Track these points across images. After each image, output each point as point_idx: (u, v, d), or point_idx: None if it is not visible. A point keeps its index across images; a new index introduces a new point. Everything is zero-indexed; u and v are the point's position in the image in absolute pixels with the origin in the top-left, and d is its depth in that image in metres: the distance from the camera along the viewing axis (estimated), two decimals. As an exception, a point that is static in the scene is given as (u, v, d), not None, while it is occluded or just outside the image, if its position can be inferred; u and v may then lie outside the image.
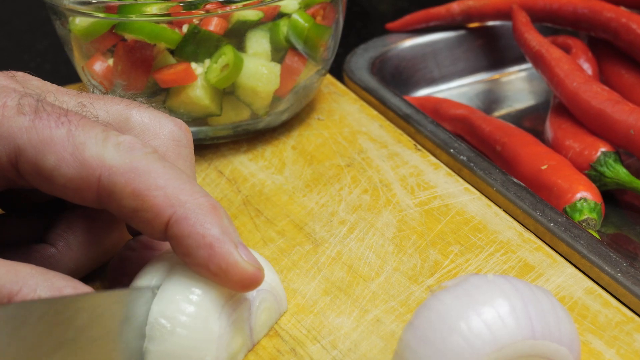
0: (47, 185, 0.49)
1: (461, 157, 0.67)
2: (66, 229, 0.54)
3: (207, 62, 0.65)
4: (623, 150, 0.70)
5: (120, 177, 0.47)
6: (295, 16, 0.66)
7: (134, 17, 0.63)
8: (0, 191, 0.51)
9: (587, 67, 0.77)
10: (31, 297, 0.47)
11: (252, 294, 0.50)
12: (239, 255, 0.47)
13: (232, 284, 0.48)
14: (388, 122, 0.72)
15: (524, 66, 0.88)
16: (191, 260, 0.48)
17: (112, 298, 0.47)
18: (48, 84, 0.53)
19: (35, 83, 0.53)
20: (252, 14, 0.65)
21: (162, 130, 0.53)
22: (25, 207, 0.57)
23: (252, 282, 0.48)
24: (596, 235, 0.62)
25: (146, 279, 0.50)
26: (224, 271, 0.47)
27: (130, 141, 0.48)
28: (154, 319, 0.47)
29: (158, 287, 0.49)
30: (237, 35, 0.65)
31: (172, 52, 0.65)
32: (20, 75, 0.53)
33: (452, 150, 0.68)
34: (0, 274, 0.47)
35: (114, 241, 0.56)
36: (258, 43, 0.66)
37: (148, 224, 0.48)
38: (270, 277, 0.52)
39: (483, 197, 0.63)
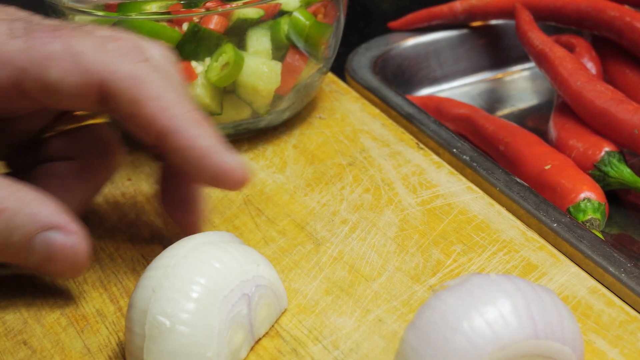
0: (54, 97, 0.52)
1: (464, 156, 0.67)
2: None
3: (208, 60, 0.65)
4: (627, 150, 0.70)
5: (121, 82, 0.51)
6: (296, 14, 0.66)
7: (133, 16, 0.63)
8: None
9: (591, 66, 0.77)
10: (2, 207, 0.50)
11: (250, 290, 0.50)
12: (229, 160, 0.52)
13: (224, 186, 0.53)
14: (390, 121, 0.72)
15: (527, 65, 0.87)
16: (186, 168, 0.52)
17: None
18: (35, 15, 0.56)
19: (22, 15, 0.55)
20: (252, 12, 0.64)
21: (148, 53, 0.56)
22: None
23: (243, 181, 0.52)
24: (600, 235, 0.62)
25: (146, 279, 0.49)
26: (216, 177, 0.52)
27: (128, 45, 0.52)
28: (152, 318, 0.47)
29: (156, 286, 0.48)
30: (237, 33, 0.65)
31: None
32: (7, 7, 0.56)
33: (454, 150, 0.68)
34: None
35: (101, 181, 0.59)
36: (259, 41, 0.65)
37: (142, 129, 0.52)
38: (269, 274, 0.52)
39: (486, 196, 0.63)
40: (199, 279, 0.48)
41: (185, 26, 0.64)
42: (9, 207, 0.51)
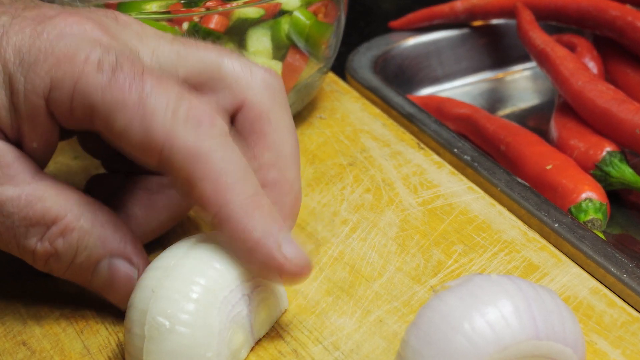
0: (116, 143, 0.50)
1: (465, 156, 0.67)
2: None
3: (208, 60, 0.64)
4: (629, 150, 0.69)
5: (179, 156, 0.48)
6: (297, 13, 0.66)
7: (133, 15, 0.62)
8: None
9: (592, 66, 0.77)
10: (73, 225, 0.50)
11: (250, 290, 0.50)
12: (281, 256, 0.48)
13: (277, 280, 0.50)
14: (391, 121, 0.72)
15: (528, 65, 0.87)
16: (237, 254, 0.49)
17: None
18: (147, 27, 0.54)
19: (135, 28, 0.53)
20: (253, 12, 0.64)
21: (255, 78, 0.54)
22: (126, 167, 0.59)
23: (296, 278, 0.49)
24: (601, 235, 0.62)
25: (145, 279, 0.49)
26: (267, 270, 0.49)
27: (201, 114, 0.49)
28: (152, 318, 0.47)
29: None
30: (238, 33, 0.65)
31: (172, 50, 0.64)
32: (122, 19, 0.53)
33: (455, 150, 0.67)
34: (50, 196, 0.50)
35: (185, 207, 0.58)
36: (259, 41, 0.65)
37: (197, 206, 0.50)
38: None
39: (487, 196, 0.63)
40: (199, 280, 0.48)
41: (185, 26, 0.63)
42: (83, 226, 0.50)
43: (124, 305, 0.51)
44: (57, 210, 0.50)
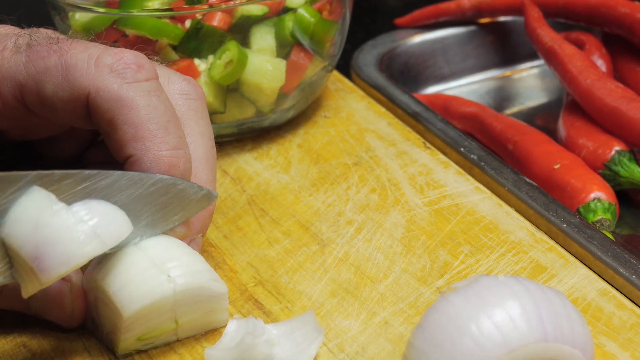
0: (52, 112, 0.51)
1: (472, 156, 0.66)
2: None
3: (211, 58, 0.65)
4: (638, 149, 0.69)
5: (103, 101, 0.50)
6: (301, 11, 0.65)
7: (135, 12, 0.62)
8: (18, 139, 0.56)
9: (601, 64, 0.76)
10: None
11: None
12: None
13: None
14: (396, 120, 0.71)
15: (536, 63, 0.87)
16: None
17: None
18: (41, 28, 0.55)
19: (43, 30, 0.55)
20: (256, 9, 0.64)
21: (171, 85, 0.55)
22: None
23: None
24: (610, 236, 0.62)
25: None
26: None
27: (126, 63, 0.50)
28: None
29: None
30: (241, 30, 0.64)
31: (174, 48, 0.64)
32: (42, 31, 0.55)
33: (462, 149, 0.67)
34: None
35: None
36: (263, 38, 0.65)
37: (113, 150, 0.51)
38: None
39: (494, 196, 0.62)
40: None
41: (188, 23, 0.63)
42: None
43: (66, 323, 0.51)
44: None
